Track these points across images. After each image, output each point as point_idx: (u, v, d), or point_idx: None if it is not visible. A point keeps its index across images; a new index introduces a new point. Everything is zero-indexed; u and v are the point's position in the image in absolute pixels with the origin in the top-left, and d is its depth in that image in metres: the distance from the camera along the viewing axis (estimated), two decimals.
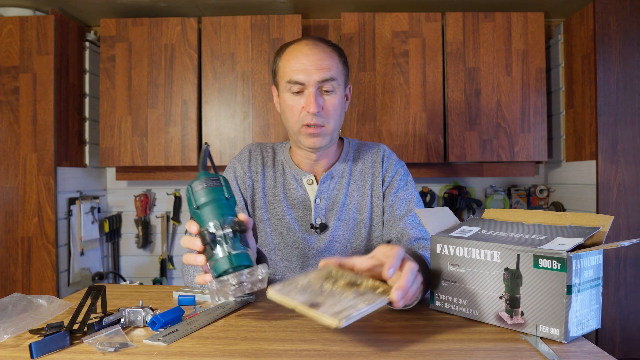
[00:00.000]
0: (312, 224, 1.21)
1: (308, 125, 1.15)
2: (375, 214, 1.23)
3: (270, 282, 1.21)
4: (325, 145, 1.19)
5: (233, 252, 0.79)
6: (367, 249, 1.22)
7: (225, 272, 0.79)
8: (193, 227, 0.82)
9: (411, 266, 0.77)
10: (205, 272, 0.83)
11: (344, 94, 1.22)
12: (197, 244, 0.81)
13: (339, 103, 1.18)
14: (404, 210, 1.20)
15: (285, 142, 1.32)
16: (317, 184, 1.23)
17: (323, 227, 1.21)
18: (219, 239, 0.80)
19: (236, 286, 0.78)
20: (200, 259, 0.81)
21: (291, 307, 0.71)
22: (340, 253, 1.21)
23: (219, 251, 0.80)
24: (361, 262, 0.81)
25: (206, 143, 0.89)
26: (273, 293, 0.74)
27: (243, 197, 1.23)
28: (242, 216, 0.84)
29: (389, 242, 1.22)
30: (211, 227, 0.80)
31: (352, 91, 1.32)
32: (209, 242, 0.80)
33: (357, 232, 1.22)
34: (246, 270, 0.79)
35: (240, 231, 0.81)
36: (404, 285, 0.74)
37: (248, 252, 0.81)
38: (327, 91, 1.15)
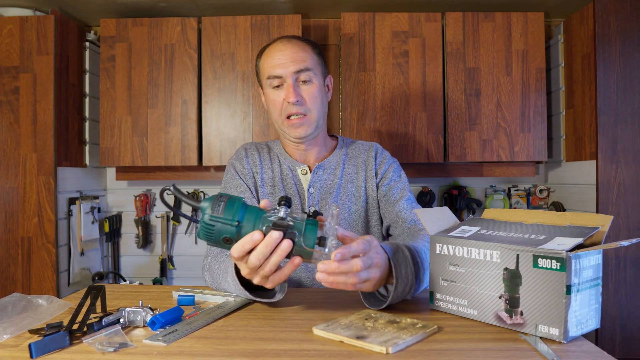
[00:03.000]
0: (306, 212, 1.24)
1: (289, 117, 1.22)
2: (370, 204, 1.29)
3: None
4: (312, 134, 1.25)
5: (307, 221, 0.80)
6: None
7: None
8: (257, 235, 0.78)
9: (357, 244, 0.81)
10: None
11: (323, 84, 1.28)
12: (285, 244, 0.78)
13: (318, 92, 1.24)
14: (397, 195, 1.25)
15: (278, 139, 1.38)
16: (311, 174, 1.28)
17: (316, 215, 1.24)
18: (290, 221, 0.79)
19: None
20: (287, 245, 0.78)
21: (338, 341, 0.73)
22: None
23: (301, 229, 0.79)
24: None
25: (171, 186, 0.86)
26: (319, 331, 0.76)
27: (249, 188, 1.28)
28: (263, 202, 0.84)
29: (388, 227, 1.27)
30: (273, 217, 0.78)
31: (333, 82, 1.38)
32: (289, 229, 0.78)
33: (353, 222, 1.27)
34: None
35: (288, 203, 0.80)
36: (343, 250, 0.77)
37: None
38: (304, 81, 1.22)
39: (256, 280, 0.84)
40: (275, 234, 0.77)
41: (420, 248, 0.97)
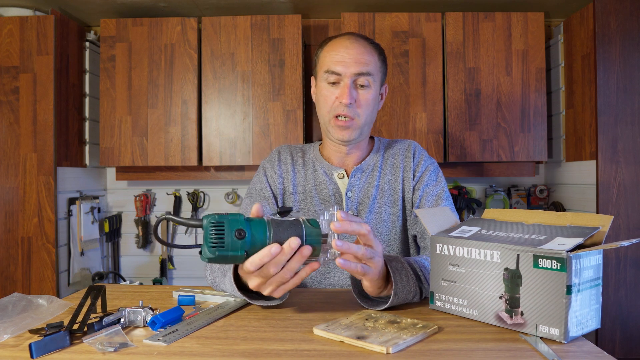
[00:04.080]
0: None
1: (338, 117, 1.18)
2: (407, 208, 1.24)
3: (306, 284, 1.22)
4: (355, 139, 1.21)
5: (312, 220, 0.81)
6: (403, 242, 1.24)
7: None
8: (274, 248, 0.77)
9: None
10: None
11: (378, 92, 1.24)
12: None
13: (372, 99, 1.20)
14: (431, 204, 1.21)
15: (314, 143, 1.35)
16: (348, 177, 1.24)
17: None
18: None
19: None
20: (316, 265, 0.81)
21: (339, 341, 0.73)
22: None
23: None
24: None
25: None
26: (319, 331, 0.76)
27: (274, 194, 1.25)
28: (255, 209, 0.82)
29: (414, 237, 1.24)
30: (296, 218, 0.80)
31: (387, 91, 1.34)
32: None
33: (391, 226, 1.23)
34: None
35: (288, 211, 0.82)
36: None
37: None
38: (362, 85, 1.18)
39: (267, 291, 0.82)
40: (294, 243, 0.76)
41: (422, 261, 0.97)
